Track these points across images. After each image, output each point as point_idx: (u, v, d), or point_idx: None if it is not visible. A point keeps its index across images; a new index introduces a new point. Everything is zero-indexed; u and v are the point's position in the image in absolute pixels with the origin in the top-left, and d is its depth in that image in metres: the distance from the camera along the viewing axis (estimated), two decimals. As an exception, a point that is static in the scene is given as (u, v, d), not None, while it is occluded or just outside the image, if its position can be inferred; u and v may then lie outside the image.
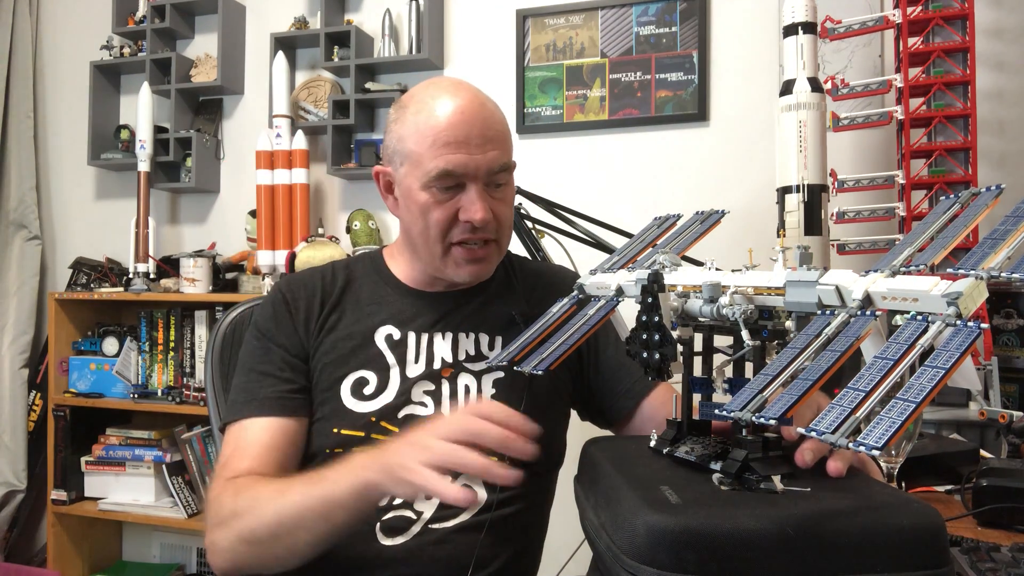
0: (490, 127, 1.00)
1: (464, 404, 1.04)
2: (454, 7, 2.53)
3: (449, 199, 1.00)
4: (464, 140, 0.98)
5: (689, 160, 2.29)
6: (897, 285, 0.56)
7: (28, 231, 2.85)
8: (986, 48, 1.99)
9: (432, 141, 0.98)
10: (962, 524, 1.01)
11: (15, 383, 2.74)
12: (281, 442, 1.01)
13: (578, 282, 0.86)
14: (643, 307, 0.72)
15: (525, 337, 0.86)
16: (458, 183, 0.99)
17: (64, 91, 2.95)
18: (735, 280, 0.69)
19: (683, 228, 0.93)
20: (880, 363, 0.52)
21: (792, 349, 0.58)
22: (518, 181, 1.30)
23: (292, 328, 1.07)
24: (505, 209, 1.05)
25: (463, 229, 1.01)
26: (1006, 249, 0.54)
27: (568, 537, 1.07)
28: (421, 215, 1.01)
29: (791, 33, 1.80)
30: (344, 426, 1.01)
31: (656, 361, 0.70)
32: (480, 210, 0.98)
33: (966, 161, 1.79)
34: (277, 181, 2.49)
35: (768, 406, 0.54)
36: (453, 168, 0.98)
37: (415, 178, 1.01)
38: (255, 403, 1.02)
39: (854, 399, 0.50)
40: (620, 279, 0.83)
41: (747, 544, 0.55)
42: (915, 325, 0.53)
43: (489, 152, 0.99)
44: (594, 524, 0.68)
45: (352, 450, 1.00)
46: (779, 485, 0.64)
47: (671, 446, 0.75)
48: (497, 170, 1.01)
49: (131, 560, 2.76)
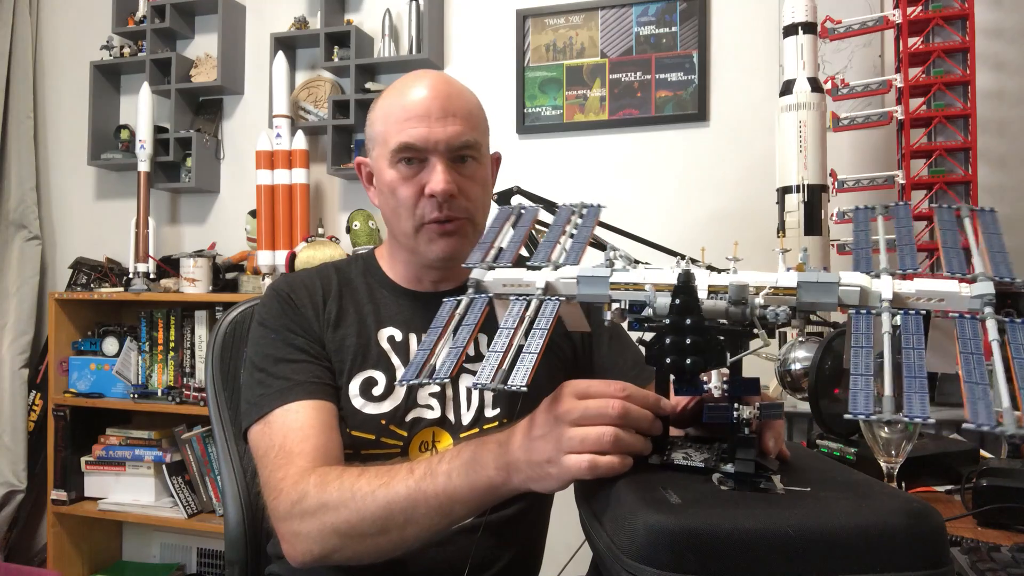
0: (453, 102, 1.01)
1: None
2: (454, 7, 2.53)
3: (414, 174, 1.01)
4: (424, 114, 1.00)
5: (689, 160, 2.29)
6: (925, 287, 0.61)
7: (28, 231, 2.85)
8: (986, 48, 1.99)
9: (395, 118, 1.01)
10: (962, 524, 1.01)
11: (15, 383, 2.73)
12: (333, 422, 0.97)
13: (472, 278, 0.74)
14: (676, 309, 0.65)
15: (457, 346, 0.69)
16: (420, 157, 1.00)
17: (64, 91, 2.95)
18: (738, 280, 0.68)
19: (560, 221, 0.82)
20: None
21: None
22: (518, 181, 1.30)
23: (304, 319, 1.04)
24: (474, 187, 1.04)
25: (431, 206, 1.01)
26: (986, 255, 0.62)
27: (568, 537, 1.06)
28: (391, 193, 1.03)
29: (791, 33, 1.80)
30: (355, 428, 1.00)
31: (690, 366, 0.64)
32: (441, 181, 0.98)
33: (966, 161, 1.79)
34: (277, 181, 2.49)
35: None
36: (413, 141, 0.99)
37: (383, 157, 1.03)
38: (297, 388, 0.98)
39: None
40: (548, 277, 0.72)
41: (747, 544, 0.55)
42: (970, 323, 0.58)
43: (450, 126, 1.00)
44: (594, 524, 0.68)
45: (362, 454, 0.99)
46: (779, 485, 0.64)
47: (659, 456, 0.73)
48: (459, 145, 1.01)
49: (131, 560, 2.76)
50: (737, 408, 0.67)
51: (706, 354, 0.64)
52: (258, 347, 1.04)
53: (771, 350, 1.69)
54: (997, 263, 0.62)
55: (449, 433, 1.03)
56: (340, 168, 2.48)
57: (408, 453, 1.02)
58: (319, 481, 0.87)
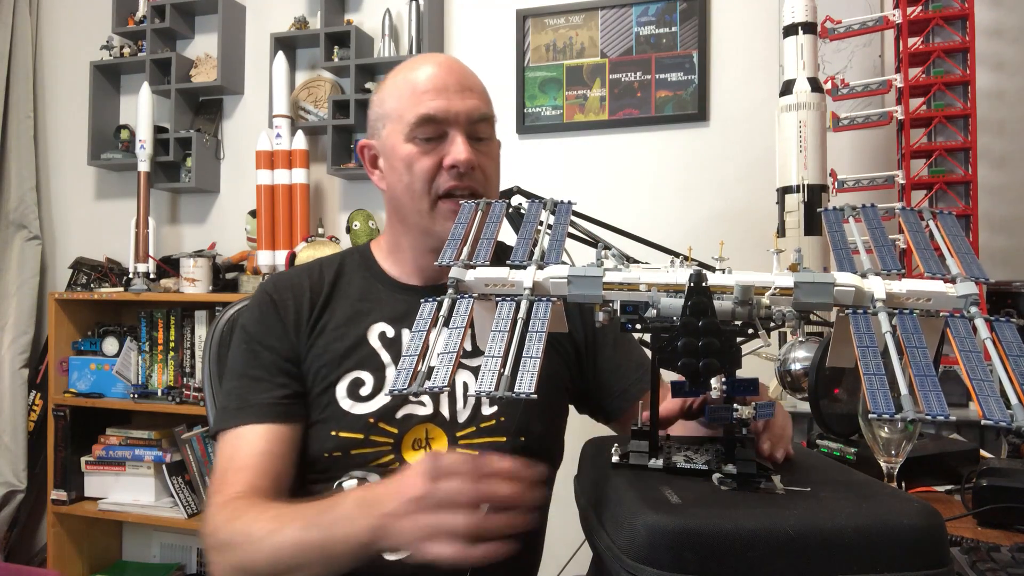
0: (468, 78, 1.04)
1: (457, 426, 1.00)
2: (454, 7, 2.53)
3: (433, 148, 1.01)
4: (443, 87, 1.00)
5: (689, 160, 2.29)
6: (914, 287, 0.63)
7: (28, 231, 2.85)
8: (986, 48, 1.99)
9: (411, 92, 1.01)
10: (962, 524, 1.01)
11: (15, 383, 2.73)
12: (278, 449, 0.99)
13: (452, 277, 0.69)
14: (689, 311, 0.63)
15: (448, 352, 0.66)
16: (440, 132, 1.01)
17: (64, 91, 2.95)
18: (745, 280, 0.67)
19: (531, 218, 0.79)
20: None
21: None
22: (518, 181, 1.30)
23: (282, 330, 1.04)
24: (490, 163, 1.05)
25: (449, 176, 1.01)
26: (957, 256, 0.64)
27: (568, 537, 1.06)
28: (406, 168, 1.02)
29: (791, 33, 1.80)
30: (342, 429, 0.99)
31: (703, 368, 0.63)
32: (464, 151, 0.99)
33: (966, 161, 1.79)
34: (277, 181, 2.49)
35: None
36: (434, 112, 1.00)
37: (398, 132, 1.02)
38: (248, 410, 1.00)
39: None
40: (535, 276, 0.68)
41: (747, 544, 0.55)
42: (962, 322, 0.59)
43: (468, 100, 1.01)
44: (594, 524, 0.68)
45: (351, 453, 0.99)
46: (779, 485, 0.64)
47: (658, 457, 0.72)
48: (477, 118, 1.02)
49: (131, 560, 2.76)
50: (736, 409, 0.67)
51: (721, 356, 0.62)
52: (233, 353, 1.07)
53: (771, 350, 1.69)
54: (968, 264, 0.64)
55: (444, 431, 1.02)
56: (340, 168, 2.48)
57: (401, 450, 1.00)
58: (229, 517, 0.89)
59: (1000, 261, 1.96)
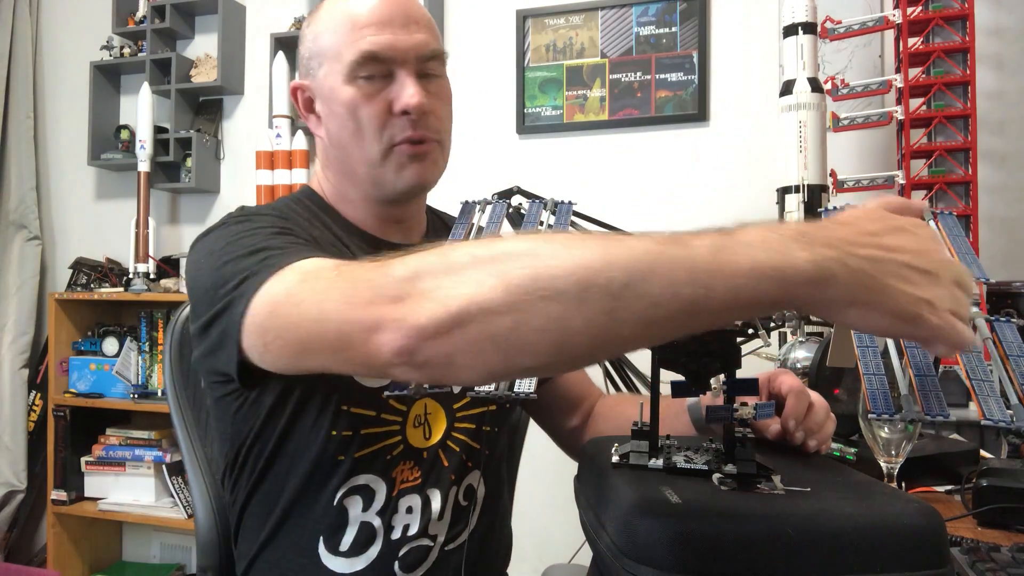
0: (414, 8, 0.90)
1: None
2: (454, 7, 2.53)
3: (378, 91, 0.88)
4: (386, 20, 0.87)
5: (689, 160, 2.29)
6: None
7: (28, 231, 2.85)
8: (986, 48, 1.99)
9: (351, 26, 0.87)
10: (962, 524, 1.01)
11: (15, 383, 2.74)
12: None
13: None
14: None
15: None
16: (386, 72, 0.88)
17: (64, 91, 2.95)
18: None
19: (531, 218, 0.77)
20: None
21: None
22: (518, 181, 1.30)
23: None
24: (444, 106, 0.92)
25: (401, 126, 0.88)
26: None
27: (568, 537, 1.07)
28: (350, 116, 0.88)
29: (791, 33, 1.80)
30: (352, 404, 0.87)
31: (705, 369, 0.62)
32: (416, 95, 0.86)
33: (966, 161, 1.79)
34: (277, 181, 2.49)
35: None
36: (378, 50, 0.86)
37: (336, 73, 0.89)
38: (303, 247, 0.77)
39: None
40: None
41: (747, 544, 0.55)
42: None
43: (416, 34, 0.88)
44: (594, 524, 0.68)
45: (361, 433, 0.88)
46: (779, 485, 0.64)
47: (658, 458, 0.72)
48: (427, 56, 0.89)
49: (131, 560, 2.76)
50: (736, 409, 0.67)
51: (721, 356, 0.62)
52: (240, 236, 0.81)
53: (771, 350, 1.69)
54: (969, 264, 0.63)
55: (440, 404, 0.94)
56: (340, 168, 2.48)
57: (406, 432, 0.92)
58: (440, 250, 0.56)
59: (1000, 261, 1.96)
